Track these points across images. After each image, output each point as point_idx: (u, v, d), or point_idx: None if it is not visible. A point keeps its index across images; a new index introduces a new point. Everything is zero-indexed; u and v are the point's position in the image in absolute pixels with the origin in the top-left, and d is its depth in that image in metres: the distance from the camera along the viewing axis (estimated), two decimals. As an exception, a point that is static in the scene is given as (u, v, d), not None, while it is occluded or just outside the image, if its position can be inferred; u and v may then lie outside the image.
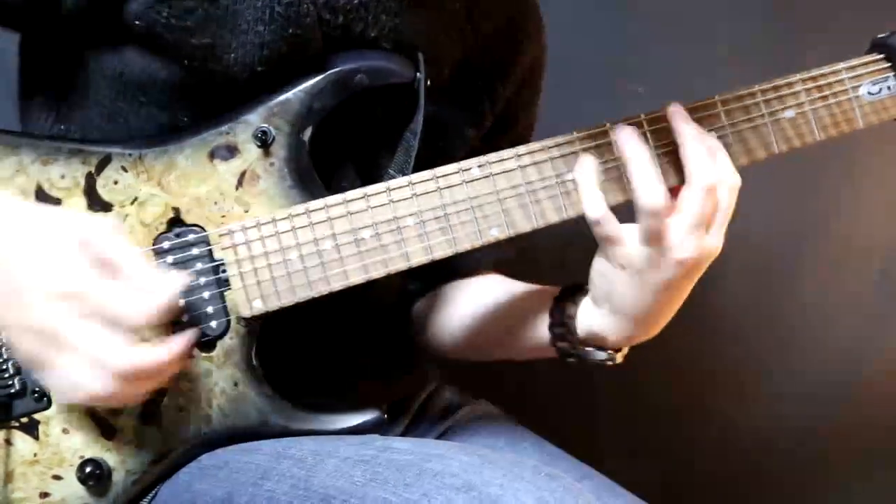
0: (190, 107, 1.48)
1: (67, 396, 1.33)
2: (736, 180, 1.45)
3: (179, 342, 1.32)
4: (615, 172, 1.47)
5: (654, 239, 1.42)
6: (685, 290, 1.49)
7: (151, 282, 1.29)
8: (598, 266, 1.50)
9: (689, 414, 2.65)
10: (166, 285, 1.30)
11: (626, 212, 1.46)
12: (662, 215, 1.41)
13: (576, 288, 1.58)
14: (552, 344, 1.59)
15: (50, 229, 1.30)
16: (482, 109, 1.67)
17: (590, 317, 1.55)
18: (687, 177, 1.43)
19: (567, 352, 1.59)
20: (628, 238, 1.45)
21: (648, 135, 1.47)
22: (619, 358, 1.58)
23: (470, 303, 1.77)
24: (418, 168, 1.47)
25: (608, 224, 1.45)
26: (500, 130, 1.72)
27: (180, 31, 1.42)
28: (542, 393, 2.45)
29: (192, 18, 1.42)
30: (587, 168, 1.47)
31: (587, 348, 1.57)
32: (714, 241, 1.44)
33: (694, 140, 1.44)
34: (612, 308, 1.51)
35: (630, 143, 1.44)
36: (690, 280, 1.47)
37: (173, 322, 1.40)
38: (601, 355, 1.57)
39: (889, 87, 1.55)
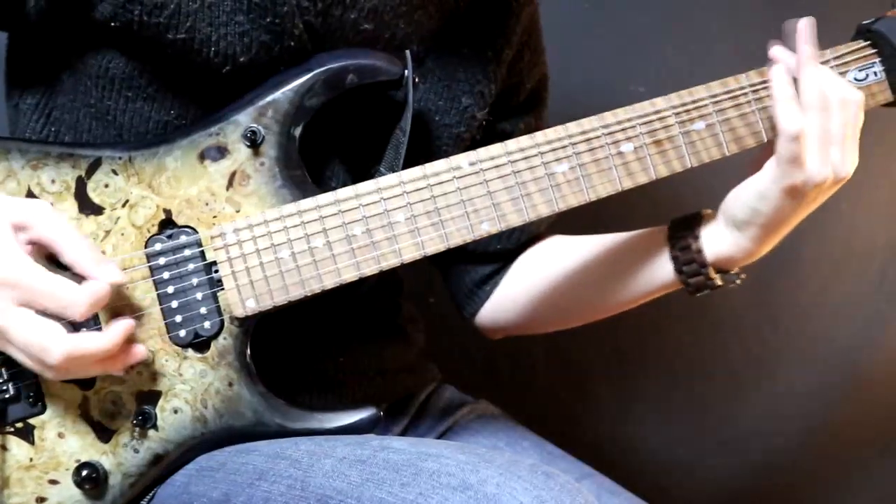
0: (178, 101, 1.48)
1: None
2: (844, 95, 1.49)
3: (118, 329, 1.35)
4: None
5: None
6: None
7: (91, 266, 1.32)
8: (762, 187, 1.51)
9: (689, 414, 2.65)
10: (106, 271, 1.32)
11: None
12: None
13: (688, 219, 1.61)
14: (678, 273, 1.60)
15: None
16: (477, 77, 1.66)
17: (718, 241, 1.58)
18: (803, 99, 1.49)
19: (694, 276, 1.60)
20: (807, 159, 1.48)
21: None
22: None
23: (557, 266, 1.76)
24: (408, 163, 1.47)
25: (800, 142, 1.47)
26: (511, 96, 1.72)
27: (154, 27, 1.42)
28: (542, 393, 2.45)
29: (165, 14, 1.42)
30: (783, 81, 1.49)
31: (715, 273, 1.59)
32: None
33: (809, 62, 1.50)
34: (753, 229, 1.54)
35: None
36: (823, 198, 1.55)
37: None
38: (732, 277, 1.61)
39: (875, 73, 1.56)
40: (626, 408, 2.61)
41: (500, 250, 1.77)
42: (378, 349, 1.70)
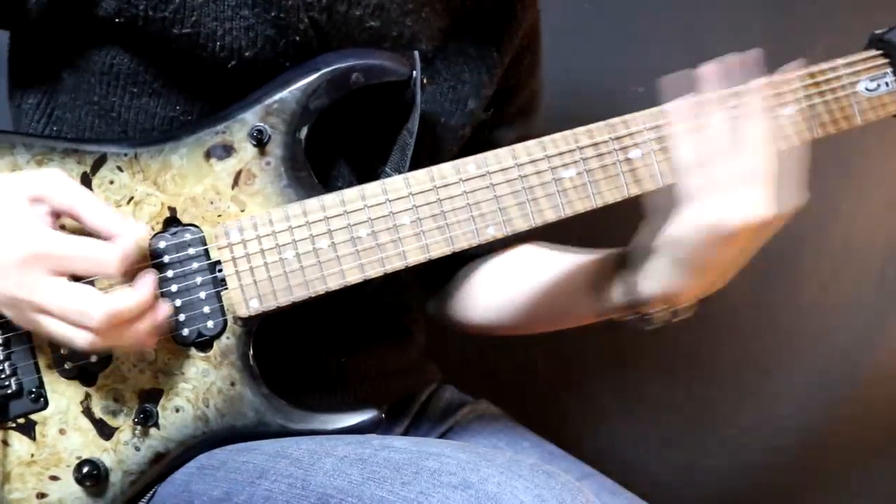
0: (184, 96, 1.48)
1: (73, 348, 1.35)
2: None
3: (147, 282, 1.36)
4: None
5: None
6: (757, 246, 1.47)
7: (114, 225, 1.32)
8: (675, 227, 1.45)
9: (689, 414, 2.65)
10: (131, 227, 1.33)
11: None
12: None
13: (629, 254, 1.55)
14: (619, 309, 1.55)
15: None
16: (482, 79, 1.66)
17: (654, 283, 1.50)
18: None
19: (634, 307, 1.53)
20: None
21: None
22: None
23: (517, 276, 1.75)
24: (414, 164, 1.47)
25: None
26: (506, 98, 1.72)
27: (160, 22, 1.42)
28: (542, 393, 2.45)
29: (170, 9, 1.42)
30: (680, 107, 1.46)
31: (653, 309, 1.52)
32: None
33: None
34: (684, 264, 1.46)
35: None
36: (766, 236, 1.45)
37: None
38: (665, 315, 1.53)
39: (887, 83, 1.55)
40: (626, 408, 2.61)
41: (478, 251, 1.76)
42: (381, 350, 1.70)
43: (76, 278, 1.32)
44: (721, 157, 1.40)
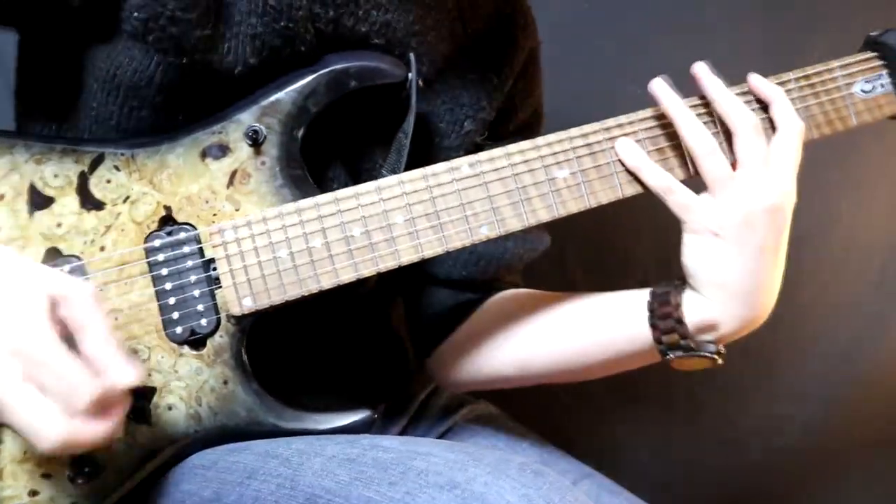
0: (184, 107, 1.48)
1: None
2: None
3: (114, 420, 1.22)
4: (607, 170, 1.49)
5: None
6: (777, 248, 1.49)
7: (110, 363, 1.21)
8: (692, 247, 1.48)
9: (689, 414, 2.65)
10: (123, 373, 1.21)
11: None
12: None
13: (667, 285, 1.53)
14: (657, 340, 1.51)
15: (23, 279, 1.22)
16: (481, 103, 1.66)
17: (697, 306, 1.49)
18: (732, 128, 1.47)
19: (675, 345, 1.51)
20: (702, 202, 1.46)
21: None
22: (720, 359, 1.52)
23: (520, 324, 1.67)
24: (411, 167, 1.47)
25: (680, 192, 1.47)
26: (502, 121, 1.71)
27: (185, 23, 1.42)
28: (543, 393, 2.45)
29: (197, 10, 1.43)
30: (631, 148, 1.48)
31: (699, 338, 1.50)
32: (780, 182, 1.46)
33: (727, 94, 1.48)
34: (718, 287, 1.47)
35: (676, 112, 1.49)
36: (777, 232, 1.47)
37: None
38: (711, 347, 1.50)
39: (882, 85, 1.55)
40: (626, 408, 2.61)
41: (467, 278, 1.71)
42: (376, 350, 1.70)
43: None
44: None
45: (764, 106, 1.51)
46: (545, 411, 2.23)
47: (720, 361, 1.51)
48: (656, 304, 1.52)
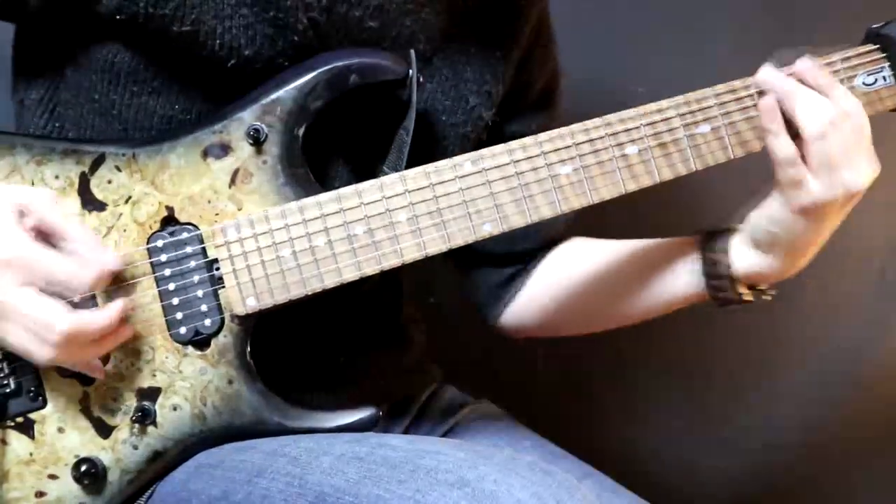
0: (183, 95, 1.48)
1: (29, 360, 1.35)
2: (837, 113, 1.48)
3: (117, 305, 1.36)
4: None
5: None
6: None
7: (91, 249, 1.34)
8: (773, 212, 1.52)
9: (689, 414, 2.64)
10: (105, 253, 1.35)
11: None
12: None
13: (718, 233, 1.60)
14: (708, 288, 1.61)
15: None
16: (485, 77, 1.65)
17: (746, 259, 1.57)
18: (836, 119, 1.48)
19: (723, 291, 1.60)
20: (813, 184, 1.47)
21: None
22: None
23: (583, 269, 1.76)
24: (412, 163, 1.47)
25: (800, 167, 1.47)
26: (520, 95, 1.72)
27: (160, 19, 1.42)
28: (542, 393, 2.45)
29: (170, 6, 1.42)
30: (774, 109, 1.49)
31: (745, 288, 1.59)
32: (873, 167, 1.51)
33: (799, 89, 1.49)
34: (788, 253, 1.55)
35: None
36: (845, 212, 1.54)
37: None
38: (759, 293, 1.61)
39: (885, 78, 1.55)
40: (627, 408, 2.60)
41: (526, 249, 1.77)
42: (379, 350, 1.70)
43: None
44: (814, 147, 1.47)
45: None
46: (545, 411, 2.23)
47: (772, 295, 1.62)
48: (708, 265, 1.60)
